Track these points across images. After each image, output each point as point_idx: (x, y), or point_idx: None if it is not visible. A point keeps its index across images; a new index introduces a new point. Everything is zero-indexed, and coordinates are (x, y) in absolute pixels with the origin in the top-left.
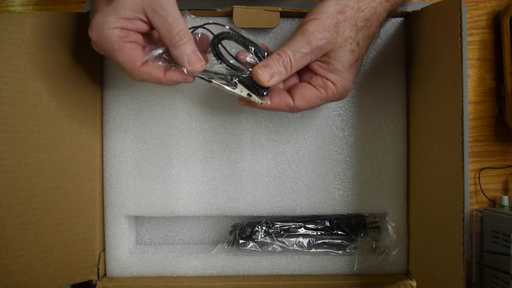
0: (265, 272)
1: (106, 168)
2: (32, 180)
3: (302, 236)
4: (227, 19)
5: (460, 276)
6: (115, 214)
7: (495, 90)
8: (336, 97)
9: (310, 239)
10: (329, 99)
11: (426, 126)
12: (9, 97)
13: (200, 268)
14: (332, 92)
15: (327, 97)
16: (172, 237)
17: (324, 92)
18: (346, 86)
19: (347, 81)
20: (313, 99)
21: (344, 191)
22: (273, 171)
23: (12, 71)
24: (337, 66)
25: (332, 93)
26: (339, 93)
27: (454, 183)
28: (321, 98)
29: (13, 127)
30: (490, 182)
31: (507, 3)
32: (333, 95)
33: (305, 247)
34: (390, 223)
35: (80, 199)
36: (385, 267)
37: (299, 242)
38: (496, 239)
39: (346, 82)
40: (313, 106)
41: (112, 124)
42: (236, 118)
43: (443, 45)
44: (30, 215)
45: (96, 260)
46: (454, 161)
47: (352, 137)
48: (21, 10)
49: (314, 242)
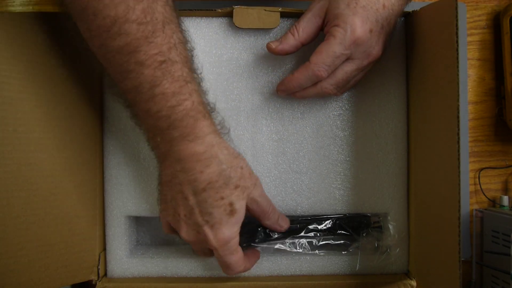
0: (266, 273)
1: (106, 168)
2: (33, 180)
3: (304, 238)
4: (227, 19)
5: (456, 276)
6: (116, 214)
7: (495, 90)
8: (348, 41)
9: (312, 240)
10: (342, 43)
11: (425, 125)
12: (9, 97)
13: (201, 269)
14: (340, 34)
15: (337, 41)
16: (172, 238)
17: (332, 38)
18: (353, 27)
19: (352, 21)
20: (325, 48)
21: (345, 190)
22: (273, 171)
23: (12, 71)
24: (336, 10)
25: (340, 35)
26: (348, 35)
27: (451, 183)
28: (331, 44)
29: (13, 127)
30: (490, 182)
31: (507, 3)
32: (343, 38)
33: (307, 249)
34: (391, 222)
35: (80, 199)
36: (386, 267)
37: (301, 244)
38: (496, 239)
39: (352, 22)
40: (329, 57)
41: (112, 124)
42: (236, 118)
43: (440, 45)
44: (30, 215)
45: (96, 260)
46: (451, 160)
47: (352, 137)
48: (21, 10)
49: (316, 244)
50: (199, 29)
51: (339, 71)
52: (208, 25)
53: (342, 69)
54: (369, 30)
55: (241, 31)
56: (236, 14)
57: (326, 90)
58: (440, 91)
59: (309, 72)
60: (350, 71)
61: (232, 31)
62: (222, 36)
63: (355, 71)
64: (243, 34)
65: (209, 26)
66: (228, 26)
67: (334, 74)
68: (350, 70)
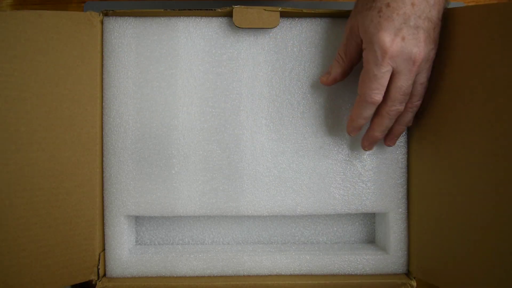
0: (265, 272)
1: (106, 168)
2: (35, 180)
3: None
4: (227, 19)
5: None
6: (115, 214)
7: None
8: (382, 60)
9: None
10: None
11: (428, 126)
12: (11, 96)
13: (200, 268)
14: (372, 57)
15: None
16: (172, 237)
17: (367, 63)
18: (381, 44)
19: (378, 39)
20: (366, 75)
21: (345, 190)
22: (273, 170)
23: (14, 70)
24: (363, 28)
25: (373, 57)
26: (380, 55)
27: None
28: (369, 69)
29: (15, 126)
30: None
31: None
32: (376, 59)
33: None
34: (391, 222)
35: (81, 199)
36: (386, 267)
37: None
38: None
39: (378, 41)
40: (372, 81)
41: (112, 124)
42: (236, 117)
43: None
44: (32, 216)
45: (96, 260)
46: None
47: (352, 137)
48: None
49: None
50: (199, 29)
51: (392, 90)
52: (208, 25)
53: (394, 86)
54: (401, 39)
55: (241, 31)
56: (236, 13)
57: (392, 112)
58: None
59: (363, 104)
60: (403, 84)
61: (232, 31)
62: (222, 36)
63: (407, 80)
64: (243, 34)
65: (209, 26)
66: (228, 26)
67: (390, 95)
68: (402, 83)
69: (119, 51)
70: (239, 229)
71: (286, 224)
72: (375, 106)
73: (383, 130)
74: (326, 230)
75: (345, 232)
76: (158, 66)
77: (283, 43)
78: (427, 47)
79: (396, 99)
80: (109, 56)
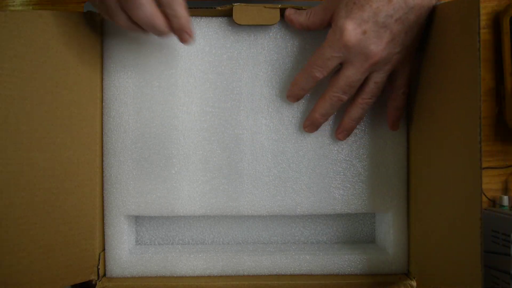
0: (265, 272)
1: (106, 167)
2: (35, 180)
3: None
4: (227, 19)
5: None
6: (115, 214)
7: (495, 90)
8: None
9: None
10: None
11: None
12: (11, 96)
13: (200, 268)
14: (330, 37)
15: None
16: (172, 237)
17: (325, 40)
18: (343, 30)
19: (342, 24)
20: (318, 50)
21: (344, 190)
22: (273, 170)
23: (14, 70)
24: (336, 9)
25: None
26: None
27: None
28: (323, 46)
29: (15, 126)
30: (490, 182)
31: (507, 3)
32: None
33: None
34: (391, 222)
35: (81, 199)
36: (385, 267)
37: None
38: (496, 239)
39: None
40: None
41: (112, 124)
42: (236, 117)
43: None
44: (32, 216)
45: (96, 260)
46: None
47: (352, 136)
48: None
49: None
50: (199, 28)
51: (340, 76)
52: (208, 24)
53: (343, 73)
54: (362, 32)
55: (241, 31)
56: (236, 11)
57: (334, 97)
58: (458, 90)
59: (305, 73)
60: (351, 75)
61: (232, 30)
62: (222, 35)
63: (357, 74)
64: (243, 34)
65: (209, 26)
66: (228, 25)
67: (337, 80)
68: (350, 74)
69: (119, 51)
70: (239, 229)
71: (286, 224)
72: (314, 82)
73: (322, 113)
74: (326, 230)
75: (345, 232)
76: (158, 66)
77: (283, 43)
78: (389, 49)
79: (340, 87)
80: (109, 56)
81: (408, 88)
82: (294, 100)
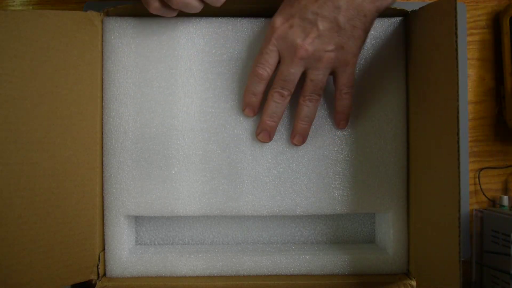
0: (265, 272)
1: (106, 167)
2: (35, 179)
3: None
4: (227, 18)
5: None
6: (115, 214)
7: (495, 90)
8: (269, 37)
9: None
10: (266, 40)
11: (425, 125)
12: (12, 96)
13: (200, 268)
14: (266, 32)
15: (264, 39)
16: (172, 237)
17: None
18: (273, 23)
19: (274, 19)
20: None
21: (344, 190)
22: (273, 171)
23: (15, 70)
24: None
25: (266, 33)
26: (269, 32)
27: (451, 183)
28: (263, 43)
29: (16, 125)
30: (490, 182)
31: (507, 3)
32: (267, 35)
33: None
34: (391, 222)
35: (81, 199)
36: (385, 267)
37: None
38: (496, 239)
39: (273, 20)
40: (260, 54)
41: (112, 124)
42: (236, 117)
43: (440, 45)
44: (32, 215)
45: (96, 259)
46: (450, 160)
47: (351, 137)
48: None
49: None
50: (199, 29)
51: (277, 72)
52: (208, 25)
53: (278, 69)
54: (289, 26)
55: (241, 31)
56: None
57: (274, 94)
58: (440, 91)
59: (252, 77)
60: (284, 69)
61: (232, 30)
62: (222, 36)
63: (289, 68)
64: (243, 34)
65: (209, 26)
66: (228, 25)
67: (275, 78)
68: (284, 68)
69: (119, 51)
70: (239, 229)
71: (286, 224)
72: (262, 82)
73: (269, 114)
74: (326, 230)
75: (345, 232)
76: (158, 66)
77: None
78: (316, 45)
79: (277, 83)
80: (109, 56)
81: (351, 89)
82: (251, 112)
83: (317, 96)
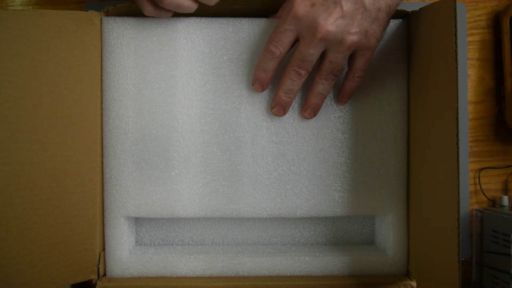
0: (265, 273)
1: (106, 169)
2: (35, 179)
3: None
4: (227, 19)
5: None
6: (115, 215)
7: (495, 90)
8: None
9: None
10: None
11: (425, 127)
12: (12, 95)
13: (200, 269)
14: (282, 11)
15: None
16: (172, 238)
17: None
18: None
19: None
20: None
21: (345, 193)
22: (273, 173)
23: (15, 69)
24: None
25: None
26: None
27: (450, 184)
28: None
29: (16, 125)
30: (490, 182)
31: (507, 3)
32: (284, 13)
33: None
34: (391, 224)
35: (81, 198)
36: (385, 268)
37: None
38: (496, 239)
39: None
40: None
41: (112, 126)
42: (237, 120)
43: (439, 45)
44: (33, 215)
45: (96, 259)
46: (450, 161)
47: (352, 139)
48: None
49: None
50: (199, 29)
51: (295, 51)
52: (208, 26)
53: (297, 48)
54: (311, 5)
55: (242, 32)
56: None
57: (291, 72)
58: (439, 92)
59: (264, 53)
60: (302, 48)
61: (232, 31)
62: (223, 37)
63: (309, 48)
64: (244, 35)
65: (209, 27)
66: (228, 26)
67: (293, 55)
68: (302, 48)
69: (119, 52)
70: (239, 230)
71: (286, 225)
72: (274, 60)
73: (285, 91)
74: (326, 231)
75: (345, 233)
76: (158, 67)
77: None
78: (339, 26)
79: (294, 61)
80: (109, 57)
81: (364, 73)
82: (260, 88)
83: (334, 77)
